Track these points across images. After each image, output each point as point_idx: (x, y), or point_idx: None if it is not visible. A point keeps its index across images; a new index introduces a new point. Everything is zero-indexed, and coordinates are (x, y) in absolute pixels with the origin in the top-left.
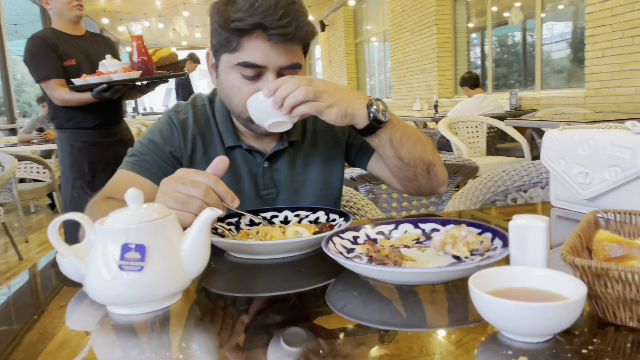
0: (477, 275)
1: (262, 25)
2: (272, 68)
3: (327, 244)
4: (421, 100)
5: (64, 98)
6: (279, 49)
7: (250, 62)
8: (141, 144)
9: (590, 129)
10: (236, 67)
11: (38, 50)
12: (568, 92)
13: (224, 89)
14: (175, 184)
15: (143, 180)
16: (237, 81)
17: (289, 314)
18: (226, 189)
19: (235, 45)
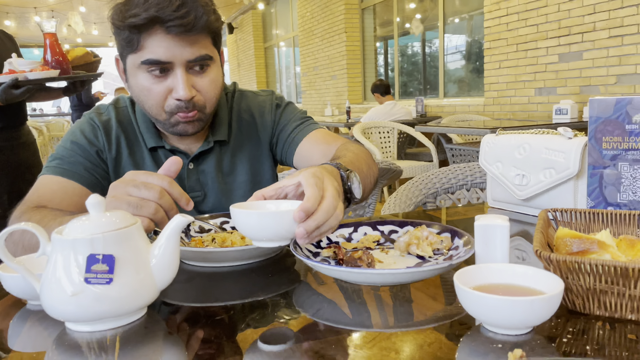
0: (460, 272)
1: (158, 18)
2: (178, 62)
3: (295, 248)
4: (332, 105)
5: None
6: (182, 41)
7: (153, 59)
8: (63, 147)
9: (526, 134)
10: (142, 66)
11: None
12: (469, 100)
13: (135, 92)
14: (127, 187)
15: (71, 184)
16: (145, 81)
17: (260, 322)
18: (180, 191)
19: (136, 45)
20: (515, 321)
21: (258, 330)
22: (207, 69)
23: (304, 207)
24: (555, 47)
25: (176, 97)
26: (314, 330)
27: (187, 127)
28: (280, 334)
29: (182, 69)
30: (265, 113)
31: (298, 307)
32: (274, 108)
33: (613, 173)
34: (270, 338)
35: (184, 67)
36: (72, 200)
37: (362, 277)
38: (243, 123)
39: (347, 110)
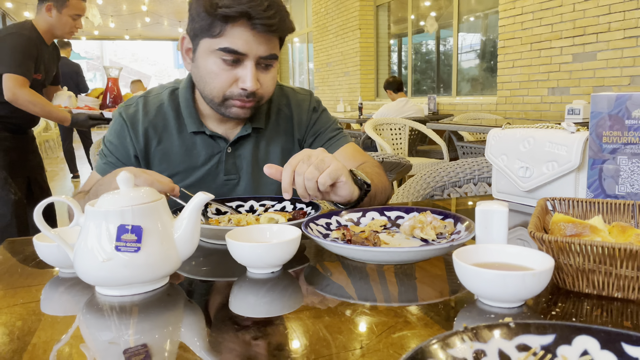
0: (459, 251)
1: (248, 14)
2: (252, 56)
3: (307, 228)
4: (344, 102)
5: (27, 98)
6: (261, 38)
7: (232, 49)
8: (105, 146)
9: (530, 129)
10: (217, 52)
11: (21, 48)
12: (481, 99)
13: (201, 73)
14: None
15: None
16: (215, 66)
17: (269, 295)
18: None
19: (218, 31)
20: (507, 294)
21: (267, 300)
22: (271, 68)
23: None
24: (570, 47)
25: (242, 87)
26: (321, 302)
27: (239, 111)
28: (290, 300)
29: (252, 62)
30: (302, 112)
31: (307, 283)
32: (311, 110)
33: (612, 166)
34: (278, 308)
35: (255, 61)
36: None
37: (368, 254)
38: (281, 115)
39: (360, 107)
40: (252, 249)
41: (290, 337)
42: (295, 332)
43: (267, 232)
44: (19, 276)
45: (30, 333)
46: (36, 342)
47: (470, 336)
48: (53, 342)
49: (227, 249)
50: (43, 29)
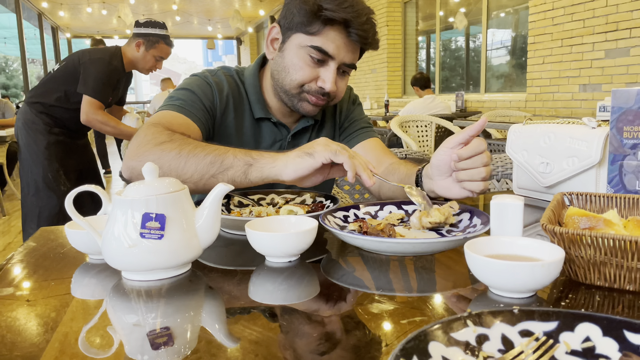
0: (470, 243)
1: (348, 22)
2: (338, 60)
3: (324, 220)
4: (371, 99)
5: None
6: (349, 47)
7: (323, 49)
8: (182, 94)
9: (551, 124)
10: (307, 48)
11: (106, 78)
12: (510, 96)
13: (285, 63)
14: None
15: (193, 125)
16: (302, 60)
17: (285, 283)
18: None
19: (315, 30)
20: (517, 285)
21: (284, 288)
22: (347, 74)
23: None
24: (602, 42)
25: (321, 86)
26: (337, 290)
27: (310, 108)
28: (305, 292)
29: (335, 66)
30: (343, 102)
31: (324, 273)
32: (351, 102)
33: (633, 162)
34: (295, 296)
35: (337, 65)
36: (192, 137)
37: (382, 245)
38: (327, 107)
39: (386, 104)
40: (270, 238)
41: (306, 323)
42: (310, 319)
43: (286, 223)
44: (52, 261)
45: (61, 315)
46: (67, 323)
47: (474, 321)
48: (82, 324)
49: (247, 239)
50: (127, 59)
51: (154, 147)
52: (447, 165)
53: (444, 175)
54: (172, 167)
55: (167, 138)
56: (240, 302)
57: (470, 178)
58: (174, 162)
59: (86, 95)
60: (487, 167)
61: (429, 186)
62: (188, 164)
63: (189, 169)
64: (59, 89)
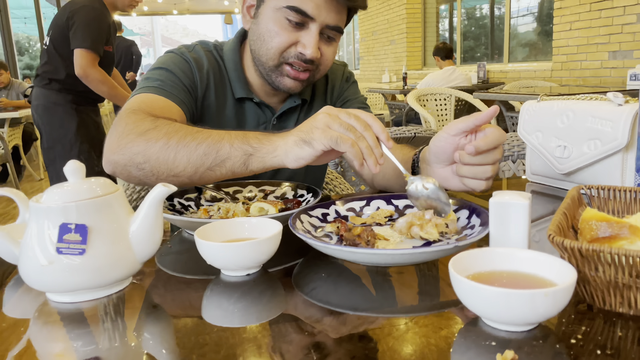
0: (457, 257)
1: None
2: (318, 23)
3: (295, 222)
4: (390, 72)
5: (97, 77)
6: (331, 6)
7: (300, 9)
8: (158, 74)
9: (570, 100)
10: (283, 10)
11: (95, 22)
12: (535, 65)
13: (260, 30)
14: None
15: (176, 107)
16: (277, 25)
17: (251, 298)
18: (382, 126)
19: None
20: (513, 317)
21: (241, 307)
22: (333, 42)
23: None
24: (633, 5)
25: (301, 52)
26: (303, 309)
27: (291, 83)
28: (264, 311)
29: (317, 29)
30: (336, 79)
31: (291, 286)
32: (344, 80)
33: None
34: (254, 316)
35: (320, 28)
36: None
37: (356, 256)
38: (317, 84)
39: (404, 77)
40: (220, 249)
41: (258, 351)
42: (260, 350)
43: (245, 226)
44: None
45: None
46: None
47: None
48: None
49: None
50: (107, 1)
51: (137, 137)
52: (447, 153)
53: (442, 164)
54: (161, 160)
55: (150, 125)
56: (190, 322)
57: (473, 176)
58: (163, 154)
59: (79, 48)
60: (495, 165)
61: (425, 173)
62: (179, 155)
63: (181, 162)
64: (63, 58)
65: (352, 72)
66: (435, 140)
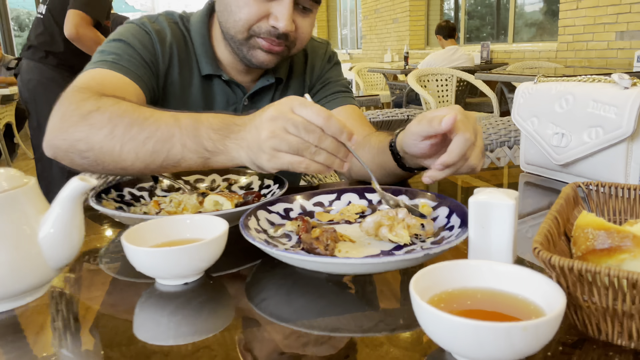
0: (423, 273)
1: None
2: None
3: (248, 220)
4: (392, 51)
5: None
6: None
7: None
8: (115, 47)
9: (570, 82)
10: None
11: None
12: (540, 45)
13: (227, 0)
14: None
15: (132, 85)
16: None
17: (188, 311)
18: (339, 126)
19: None
20: (484, 353)
21: (176, 321)
22: (310, 13)
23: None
24: None
25: (274, 25)
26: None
27: (264, 56)
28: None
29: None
30: (316, 58)
31: (238, 296)
32: (327, 60)
33: None
34: (189, 332)
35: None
36: (131, 99)
37: (307, 264)
38: (296, 61)
39: (405, 56)
40: (148, 256)
41: None
42: None
43: (187, 225)
44: None
45: None
46: None
47: None
48: None
49: None
50: None
51: (80, 121)
52: (422, 152)
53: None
54: (105, 151)
55: (93, 106)
56: (112, 340)
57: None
58: (107, 145)
59: (74, 9)
60: (475, 156)
61: (414, 163)
62: (125, 148)
63: (128, 156)
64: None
65: (335, 52)
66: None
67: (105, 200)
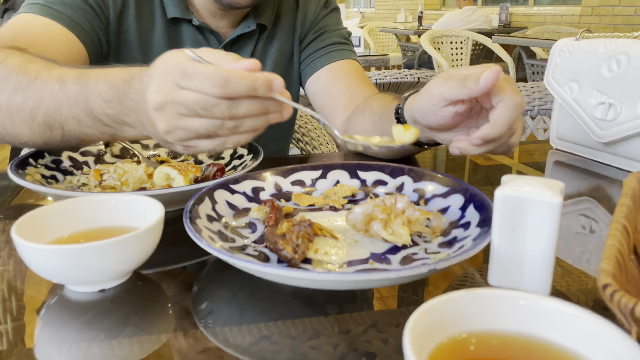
0: (426, 309)
1: None
2: None
3: (197, 205)
4: (406, 11)
5: None
6: None
7: None
8: None
9: (623, 39)
10: None
11: None
12: (563, 9)
13: None
14: (182, 104)
15: (62, 30)
16: None
17: (103, 328)
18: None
19: None
20: None
21: (85, 346)
22: None
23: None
24: None
25: None
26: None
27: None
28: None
29: None
30: (310, 2)
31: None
32: (322, 4)
33: None
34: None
35: None
36: (59, 50)
37: (263, 275)
38: (284, 7)
39: (419, 16)
40: (43, 255)
41: None
42: None
43: (112, 207)
44: None
45: None
46: None
47: None
48: None
49: None
50: None
51: None
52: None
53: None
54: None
55: None
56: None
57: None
58: (0, 118)
59: None
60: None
61: (423, 135)
62: (16, 122)
63: (22, 132)
64: None
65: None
66: (422, 113)
67: (32, 167)
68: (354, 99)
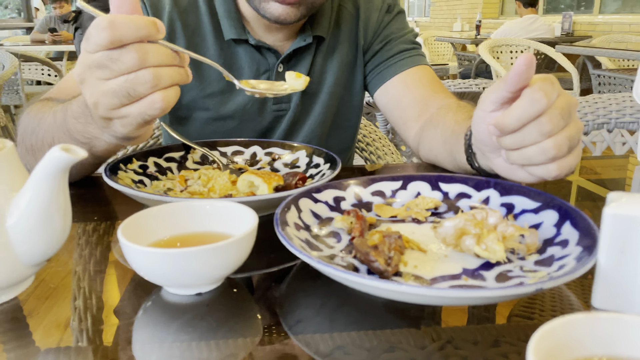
0: (548, 330)
1: None
2: None
3: (285, 213)
4: (462, 20)
5: None
6: None
7: None
8: None
9: None
10: None
11: None
12: (630, 18)
13: None
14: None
15: None
16: None
17: (199, 331)
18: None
19: None
20: None
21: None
22: None
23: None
24: None
25: None
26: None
27: (279, 9)
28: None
29: None
30: (372, 10)
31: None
32: (384, 9)
33: None
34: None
35: None
36: None
37: (355, 285)
38: (343, 16)
39: (477, 25)
40: (146, 257)
41: None
42: None
43: (207, 213)
44: None
45: None
46: None
47: None
48: None
49: None
50: None
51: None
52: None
53: (494, 152)
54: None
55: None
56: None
57: (528, 162)
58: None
59: None
60: (556, 137)
61: (484, 162)
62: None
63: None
64: None
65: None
66: (473, 123)
67: (123, 171)
68: (427, 109)
